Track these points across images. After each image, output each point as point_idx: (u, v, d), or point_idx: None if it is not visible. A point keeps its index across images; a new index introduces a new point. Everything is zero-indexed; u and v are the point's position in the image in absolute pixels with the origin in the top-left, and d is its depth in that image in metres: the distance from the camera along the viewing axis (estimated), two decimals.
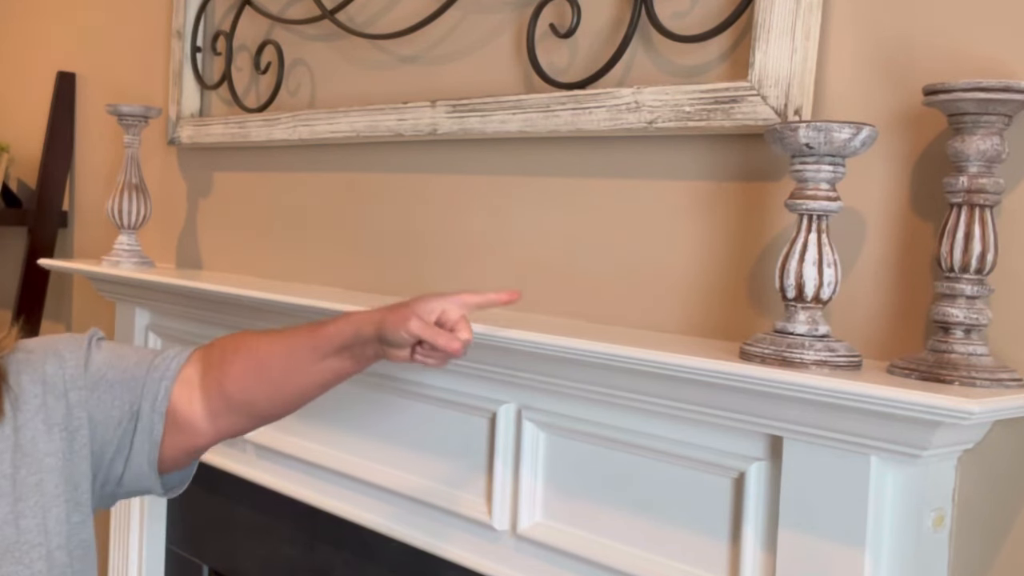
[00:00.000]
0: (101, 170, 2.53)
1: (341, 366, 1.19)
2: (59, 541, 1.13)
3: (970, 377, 1.02)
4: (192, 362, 1.21)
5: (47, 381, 1.16)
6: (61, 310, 2.71)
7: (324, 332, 1.19)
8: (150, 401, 1.17)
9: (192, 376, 1.20)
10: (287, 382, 1.20)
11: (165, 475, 1.21)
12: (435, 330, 1.14)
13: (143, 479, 1.19)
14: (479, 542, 1.46)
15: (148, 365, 1.19)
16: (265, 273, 2.01)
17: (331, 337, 1.18)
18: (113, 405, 1.17)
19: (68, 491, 1.15)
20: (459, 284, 1.64)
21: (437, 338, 1.13)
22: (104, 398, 1.17)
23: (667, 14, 1.36)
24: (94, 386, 1.17)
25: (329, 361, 1.19)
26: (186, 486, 1.26)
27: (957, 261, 1.05)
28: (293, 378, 1.20)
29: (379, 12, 1.79)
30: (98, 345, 1.21)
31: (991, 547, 1.10)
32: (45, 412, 1.15)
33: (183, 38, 2.16)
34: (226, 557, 1.97)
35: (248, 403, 1.20)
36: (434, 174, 1.69)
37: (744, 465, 1.18)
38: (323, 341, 1.18)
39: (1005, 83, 1.02)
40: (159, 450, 1.18)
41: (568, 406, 1.35)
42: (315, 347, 1.19)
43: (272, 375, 1.19)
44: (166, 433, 1.17)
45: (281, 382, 1.20)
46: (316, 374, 1.19)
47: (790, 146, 1.07)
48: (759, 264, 1.28)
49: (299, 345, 1.19)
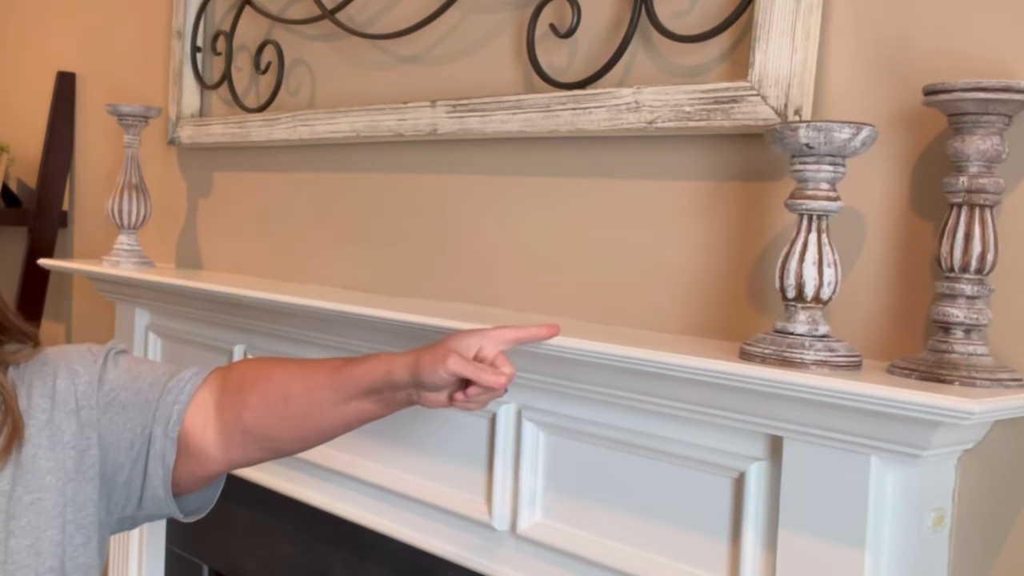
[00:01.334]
0: (101, 170, 2.53)
1: (368, 409, 1.13)
2: (51, 564, 1.09)
3: (970, 377, 1.02)
4: (208, 385, 1.15)
5: (56, 396, 1.12)
6: (61, 310, 2.71)
7: (352, 373, 1.12)
8: (162, 425, 1.12)
9: (208, 400, 1.14)
10: (308, 420, 1.13)
11: (182, 499, 1.17)
12: (476, 366, 1.07)
13: (160, 504, 1.15)
14: (479, 542, 1.46)
15: (163, 387, 1.14)
16: (265, 273, 2.01)
17: (358, 379, 1.12)
18: (125, 427, 1.12)
19: (71, 512, 1.10)
20: (457, 283, 1.64)
21: (481, 375, 1.06)
22: (116, 420, 1.12)
23: (667, 14, 1.36)
24: (106, 406, 1.13)
25: (355, 403, 1.12)
26: (208, 510, 1.22)
27: (957, 261, 1.05)
28: (315, 417, 1.13)
29: (379, 12, 1.79)
30: (115, 361, 1.17)
31: (991, 547, 1.10)
32: (52, 428, 1.11)
33: (183, 38, 2.16)
34: (226, 557, 1.97)
35: (265, 437, 1.14)
36: (434, 174, 1.69)
37: (744, 465, 1.18)
38: (349, 382, 1.12)
39: (1005, 83, 1.02)
40: (172, 475, 1.13)
41: (568, 406, 1.35)
42: (340, 387, 1.12)
43: (292, 411, 1.13)
44: (178, 458, 1.12)
45: (301, 420, 1.13)
46: (339, 415, 1.13)
47: (790, 146, 1.07)
48: (759, 264, 1.28)
49: (323, 383, 1.13)
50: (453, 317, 1.40)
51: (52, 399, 1.12)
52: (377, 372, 1.11)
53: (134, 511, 1.16)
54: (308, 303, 1.59)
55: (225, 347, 1.88)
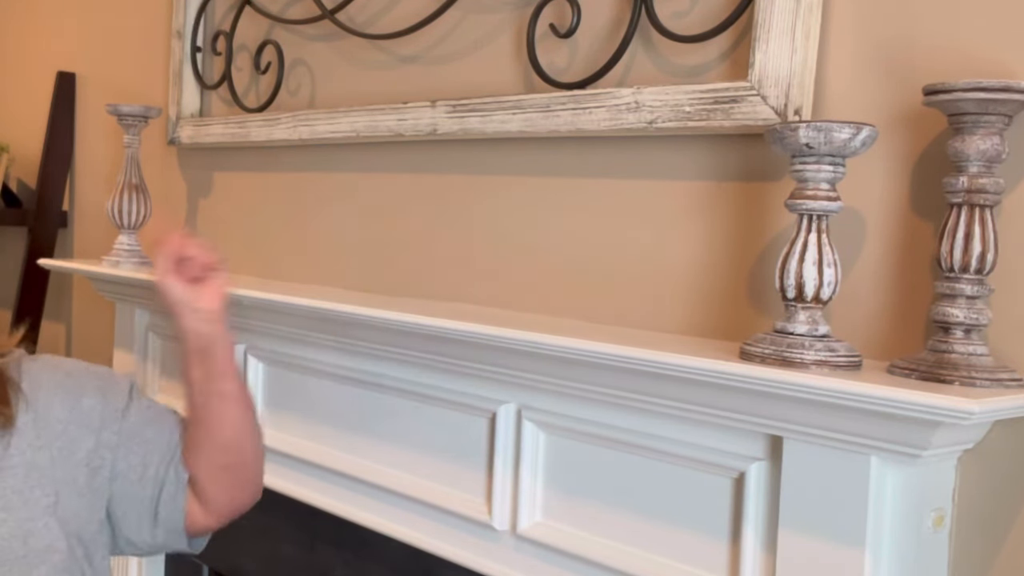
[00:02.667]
0: (101, 170, 2.53)
1: (196, 377, 1.18)
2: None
3: (970, 377, 1.02)
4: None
5: (81, 410, 1.16)
6: (61, 310, 2.71)
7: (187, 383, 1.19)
8: (175, 471, 1.18)
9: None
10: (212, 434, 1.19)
11: (194, 539, 1.23)
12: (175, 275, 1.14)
13: (172, 541, 1.21)
14: (479, 542, 1.46)
15: (178, 438, 1.20)
16: (265, 273, 2.01)
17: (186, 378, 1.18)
18: (140, 463, 1.17)
19: (73, 524, 1.14)
20: (457, 283, 1.64)
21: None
22: (136, 450, 1.18)
23: (667, 14, 1.36)
24: (129, 437, 1.18)
25: (199, 387, 1.17)
26: (207, 539, 1.28)
27: (957, 261, 1.05)
28: (210, 428, 1.19)
29: (379, 12, 1.79)
30: (138, 396, 1.22)
31: (991, 547, 1.10)
32: (64, 439, 1.15)
33: (183, 38, 2.16)
34: (226, 557, 1.97)
35: (217, 483, 1.20)
36: (434, 174, 1.69)
37: (744, 465, 1.18)
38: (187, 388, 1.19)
39: (1005, 83, 1.02)
40: (184, 518, 1.19)
41: (568, 406, 1.35)
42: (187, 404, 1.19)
43: (198, 439, 1.19)
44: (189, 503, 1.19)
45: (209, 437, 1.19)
46: (212, 404, 1.18)
47: (790, 146, 1.07)
48: (759, 264, 1.28)
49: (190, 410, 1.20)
50: (453, 317, 1.40)
51: (72, 411, 1.16)
52: (188, 372, 1.18)
53: (147, 546, 1.21)
54: (308, 303, 1.59)
55: None
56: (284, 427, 1.79)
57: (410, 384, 1.55)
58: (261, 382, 1.84)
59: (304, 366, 1.74)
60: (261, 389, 1.84)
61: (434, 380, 1.51)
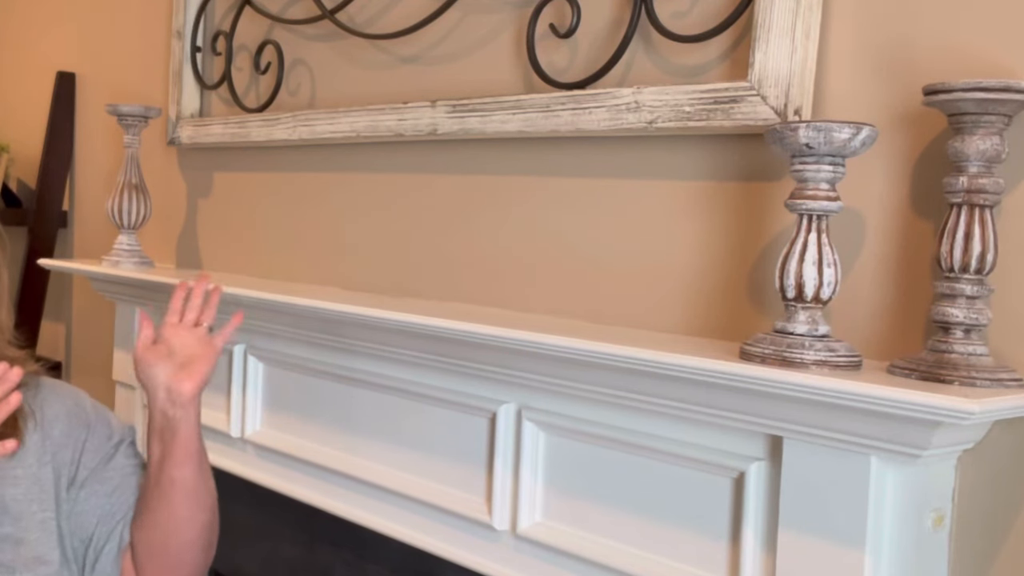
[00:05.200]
0: (101, 170, 2.53)
1: (162, 456, 1.18)
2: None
3: (970, 377, 1.02)
4: None
5: (74, 437, 1.21)
6: (61, 310, 2.71)
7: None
8: (123, 532, 1.21)
9: None
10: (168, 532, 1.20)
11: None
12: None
13: None
14: (479, 542, 1.46)
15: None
16: (265, 273, 2.01)
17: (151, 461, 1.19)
18: (99, 510, 1.20)
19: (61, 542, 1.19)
20: (457, 283, 1.64)
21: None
22: (100, 496, 1.21)
23: (667, 14, 1.36)
24: (101, 482, 1.21)
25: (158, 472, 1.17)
26: None
27: (957, 261, 1.05)
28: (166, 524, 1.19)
29: (379, 12, 1.79)
30: (125, 450, 1.25)
31: (991, 547, 1.10)
32: (57, 461, 1.20)
33: (183, 38, 2.16)
34: (226, 557, 1.96)
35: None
36: (434, 174, 1.69)
37: (744, 465, 1.18)
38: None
39: (1005, 83, 1.02)
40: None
41: (568, 406, 1.35)
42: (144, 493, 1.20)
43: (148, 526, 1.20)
44: None
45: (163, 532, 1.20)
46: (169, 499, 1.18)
47: (790, 146, 1.07)
48: (759, 264, 1.28)
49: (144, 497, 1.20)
50: (453, 317, 1.40)
51: (67, 436, 1.20)
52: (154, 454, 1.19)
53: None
54: (308, 303, 1.59)
55: (225, 347, 1.88)
56: (284, 427, 1.79)
57: (410, 384, 1.55)
58: (261, 382, 1.84)
59: (304, 366, 1.74)
60: (261, 389, 1.84)
61: (434, 380, 1.51)
